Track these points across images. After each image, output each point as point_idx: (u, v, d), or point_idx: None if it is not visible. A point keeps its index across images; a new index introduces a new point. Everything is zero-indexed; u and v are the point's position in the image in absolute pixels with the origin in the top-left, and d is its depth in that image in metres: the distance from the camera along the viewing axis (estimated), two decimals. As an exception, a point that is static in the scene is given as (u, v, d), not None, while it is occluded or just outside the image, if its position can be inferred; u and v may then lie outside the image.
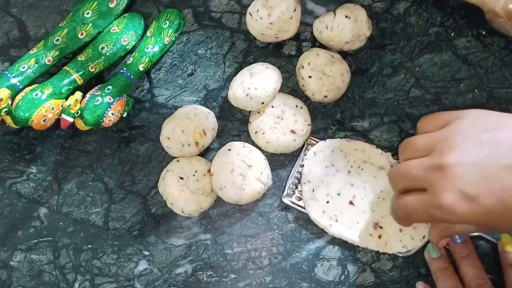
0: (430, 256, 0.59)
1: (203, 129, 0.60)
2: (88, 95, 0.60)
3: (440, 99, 0.61)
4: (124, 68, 0.62)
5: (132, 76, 0.62)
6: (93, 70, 0.62)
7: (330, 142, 0.61)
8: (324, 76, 0.60)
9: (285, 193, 0.62)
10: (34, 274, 0.63)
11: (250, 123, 0.62)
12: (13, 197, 0.64)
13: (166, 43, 0.63)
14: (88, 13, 0.63)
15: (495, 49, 0.61)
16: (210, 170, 0.60)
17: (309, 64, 0.60)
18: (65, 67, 0.62)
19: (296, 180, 0.62)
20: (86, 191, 0.64)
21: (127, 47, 0.63)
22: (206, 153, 0.63)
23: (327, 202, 0.60)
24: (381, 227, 0.59)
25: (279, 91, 0.61)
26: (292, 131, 0.60)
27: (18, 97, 0.59)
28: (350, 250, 0.61)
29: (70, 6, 0.65)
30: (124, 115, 0.62)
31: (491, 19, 0.58)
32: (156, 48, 0.63)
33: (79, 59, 0.62)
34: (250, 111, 0.62)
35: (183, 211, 0.60)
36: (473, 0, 0.58)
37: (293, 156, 0.62)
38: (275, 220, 0.62)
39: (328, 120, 0.62)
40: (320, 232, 0.61)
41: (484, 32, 0.61)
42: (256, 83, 0.59)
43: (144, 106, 0.64)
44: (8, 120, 0.58)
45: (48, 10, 0.65)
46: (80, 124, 0.59)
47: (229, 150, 0.60)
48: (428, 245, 0.59)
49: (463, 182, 0.47)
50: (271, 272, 0.62)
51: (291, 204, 0.61)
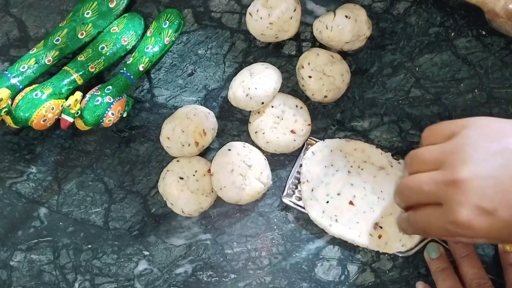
0: (430, 256, 0.59)
1: (203, 129, 0.60)
2: (88, 95, 0.60)
3: (440, 99, 0.61)
4: (124, 68, 0.62)
5: (132, 76, 0.62)
6: (93, 70, 0.62)
7: (329, 142, 0.61)
8: (324, 76, 0.59)
9: (285, 193, 0.62)
10: (34, 274, 0.63)
11: (250, 123, 0.62)
12: (13, 197, 0.64)
13: (166, 43, 0.63)
14: (88, 13, 0.63)
15: (495, 49, 0.61)
16: (210, 170, 0.60)
17: (309, 64, 0.60)
18: (65, 67, 0.62)
19: (296, 180, 0.62)
20: (86, 191, 0.64)
21: (127, 47, 0.63)
22: (206, 153, 0.63)
23: (327, 202, 0.60)
24: (381, 227, 0.59)
25: (279, 91, 0.61)
26: (292, 131, 0.60)
27: (18, 97, 0.59)
28: (350, 250, 0.61)
29: (70, 6, 0.65)
30: (124, 115, 0.62)
31: (491, 19, 0.58)
32: (156, 48, 0.63)
33: (79, 59, 0.62)
34: (250, 111, 0.62)
35: (183, 211, 0.60)
36: (473, 0, 0.57)
37: (293, 156, 0.62)
38: (275, 220, 0.62)
39: (328, 120, 0.62)
40: (320, 232, 0.61)
41: (484, 32, 0.61)
42: (256, 83, 0.59)
43: (144, 106, 0.64)
44: (8, 120, 0.58)
45: (48, 10, 0.65)
46: (80, 124, 0.59)
47: (229, 150, 0.60)
48: (428, 245, 0.59)
49: (479, 197, 0.45)
50: (271, 272, 0.62)
51: (291, 204, 0.61)
